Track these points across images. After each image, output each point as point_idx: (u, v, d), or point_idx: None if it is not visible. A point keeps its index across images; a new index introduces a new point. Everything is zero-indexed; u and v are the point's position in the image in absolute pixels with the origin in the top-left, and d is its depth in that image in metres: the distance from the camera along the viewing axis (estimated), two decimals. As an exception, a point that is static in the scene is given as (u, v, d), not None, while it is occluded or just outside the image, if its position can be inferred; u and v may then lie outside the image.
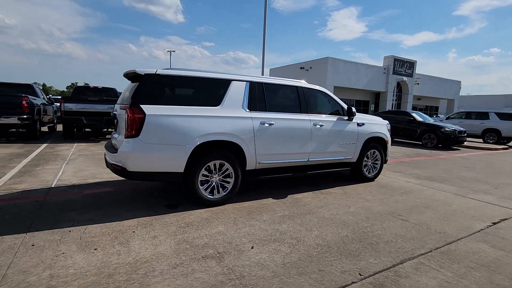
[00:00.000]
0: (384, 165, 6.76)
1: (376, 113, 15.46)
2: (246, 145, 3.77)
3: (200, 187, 3.54)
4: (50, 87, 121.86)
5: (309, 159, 4.43)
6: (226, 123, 3.62)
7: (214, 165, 3.62)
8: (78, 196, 3.89)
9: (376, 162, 5.38)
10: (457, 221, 3.46)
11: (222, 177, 3.71)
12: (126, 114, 3.19)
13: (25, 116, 8.11)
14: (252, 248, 2.60)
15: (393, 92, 28.84)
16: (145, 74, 3.32)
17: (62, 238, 2.65)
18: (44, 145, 8.08)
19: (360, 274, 2.24)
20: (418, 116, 12.38)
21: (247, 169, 3.89)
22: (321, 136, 4.48)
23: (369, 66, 26.52)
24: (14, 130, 9.73)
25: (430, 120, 12.64)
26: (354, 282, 2.14)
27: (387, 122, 5.58)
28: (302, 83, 4.58)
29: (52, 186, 4.32)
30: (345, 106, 4.86)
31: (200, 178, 3.54)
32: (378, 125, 5.31)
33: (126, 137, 3.22)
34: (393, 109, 28.23)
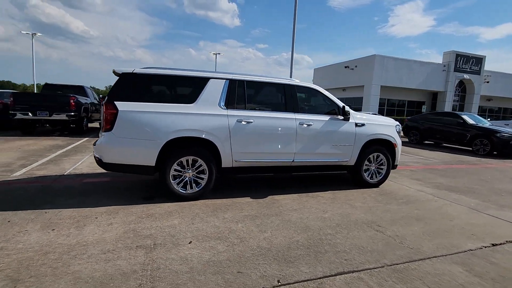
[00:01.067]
0: (404, 172, 6.15)
1: (421, 114, 13.98)
2: (221, 143, 3.78)
3: (172, 181, 3.67)
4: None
5: (294, 160, 4.24)
6: (198, 120, 3.68)
7: (187, 160, 3.71)
8: (78, 184, 4.35)
9: (381, 167, 4.89)
10: (445, 238, 2.98)
11: (196, 173, 3.79)
12: (103, 110, 3.48)
13: (72, 113, 9.30)
14: (189, 243, 2.62)
15: (454, 92, 25.67)
16: (122, 73, 3.58)
17: (35, 218, 3.01)
18: (85, 139, 9.17)
19: (278, 281, 2.09)
20: (469, 119, 10.83)
21: (223, 166, 3.90)
22: (309, 136, 4.25)
23: (423, 63, 24.03)
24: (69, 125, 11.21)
25: (485, 124, 10.95)
26: (267, 289, 2.02)
27: (396, 123, 5.03)
28: (293, 81, 4.41)
29: (65, 173, 4.90)
30: (341, 105, 4.52)
31: (172, 172, 3.66)
32: (383, 127, 4.82)
33: (103, 131, 3.50)
34: (456, 111, 25.11)
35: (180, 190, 3.72)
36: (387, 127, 4.85)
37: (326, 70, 29.26)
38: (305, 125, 4.21)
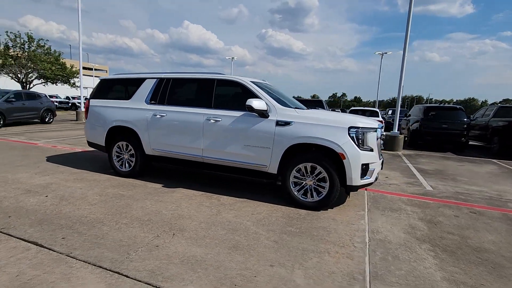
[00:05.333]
0: (445, 209, 3.90)
1: None
2: (141, 132, 4.46)
3: (114, 159, 4.79)
4: (317, 97, 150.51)
5: (203, 156, 4.09)
6: (127, 113, 4.56)
7: (122, 145, 4.70)
8: (101, 155, 6.38)
9: (322, 184, 3.51)
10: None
11: (129, 156, 4.68)
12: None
13: None
14: (46, 196, 3.67)
15: None
16: (100, 79, 5.10)
17: (47, 167, 5.12)
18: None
19: (2, 229, 2.74)
20: None
21: (146, 153, 4.54)
22: (216, 132, 3.96)
23: None
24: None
25: None
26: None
27: (352, 124, 3.36)
28: (216, 75, 4.20)
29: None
30: (266, 100, 3.75)
31: (114, 153, 4.78)
32: (322, 127, 3.44)
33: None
34: None
35: (119, 168, 4.77)
36: (330, 128, 3.43)
37: None
38: (212, 121, 3.97)
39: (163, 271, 2.17)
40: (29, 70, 21.25)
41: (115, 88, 5.06)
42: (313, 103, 13.12)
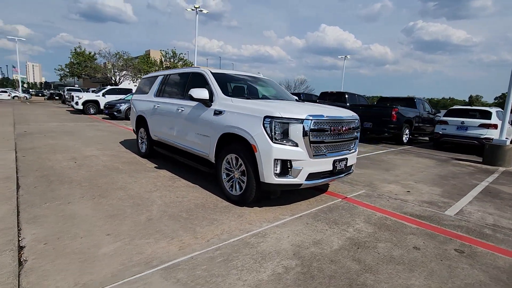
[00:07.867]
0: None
1: None
2: (148, 120, 5.36)
3: (138, 142, 5.94)
4: (478, 98, 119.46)
5: (175, 142, 4.53)
6: (143, 105, 5.56)
7: (141, 131, 5.76)
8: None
9: (243, 177, 3.26)
10: (54, 222, 2.73)
11: (145, 139, 5.70)
12: (132, 99, 6.56)
13: (392, 125, 9.39)
14: (75, 162, 5.07)
15: None
16: (142, 78, 6.36)
17: (106, 144, 6.87)
18: (387, 150, 12.24)
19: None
20: None
21: (152, 139, 5.40)
22: (180, 121, 4.34)
23: None
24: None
25: None
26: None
27: (268, 114, 2.93)
28: (191, 69, 4.55)
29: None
30: (213, 90, 3.82)
31: (138, 137, 5.92)
32: (242, 116, 3.21)
33: (132, 109, 6.57)
34: None
35: (140, 148, 5.87)
36: (248, 118, 3.16)
37: None
38: (180, 110, 4.36)
39: (40, 218, 2.80)
40: (173, 77, 27.58)
41: (146, 84, 6.23)
42: (400, 101, 11.07)
